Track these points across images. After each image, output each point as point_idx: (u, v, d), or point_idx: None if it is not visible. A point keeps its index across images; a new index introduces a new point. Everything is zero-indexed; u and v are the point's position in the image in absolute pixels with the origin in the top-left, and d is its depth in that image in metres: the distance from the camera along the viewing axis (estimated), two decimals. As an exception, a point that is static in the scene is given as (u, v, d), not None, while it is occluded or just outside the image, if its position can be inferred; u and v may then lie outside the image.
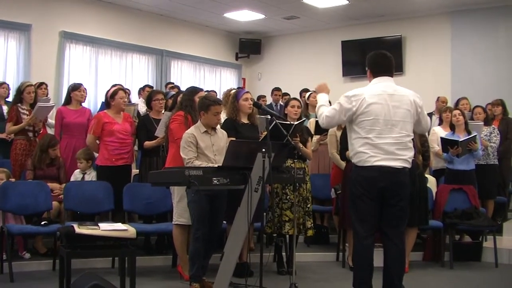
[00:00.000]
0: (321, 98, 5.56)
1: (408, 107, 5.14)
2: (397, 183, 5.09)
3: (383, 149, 5.02)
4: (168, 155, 6.50)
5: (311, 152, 7.23)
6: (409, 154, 5.15)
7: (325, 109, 5.37)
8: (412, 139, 5.25)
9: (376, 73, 5.27)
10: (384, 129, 5.03)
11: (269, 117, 6.09)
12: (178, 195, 6.15)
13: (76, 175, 7.59)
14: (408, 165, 5.14)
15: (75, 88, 8.31)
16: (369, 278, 5.14)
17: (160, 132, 7.23)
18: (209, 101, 5.88)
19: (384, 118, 5.03)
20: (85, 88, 8.41)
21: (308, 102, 9.13)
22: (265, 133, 5.87)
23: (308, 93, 9.58)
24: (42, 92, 9.68)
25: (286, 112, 7.01)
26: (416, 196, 6.96)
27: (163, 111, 7.52)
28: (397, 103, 5.10)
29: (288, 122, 6.37)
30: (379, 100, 5.06)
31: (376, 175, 5.02)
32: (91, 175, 7.55)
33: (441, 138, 8.17)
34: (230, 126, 6.41)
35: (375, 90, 5.15)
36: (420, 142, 7.10)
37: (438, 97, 11.08)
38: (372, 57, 5.37)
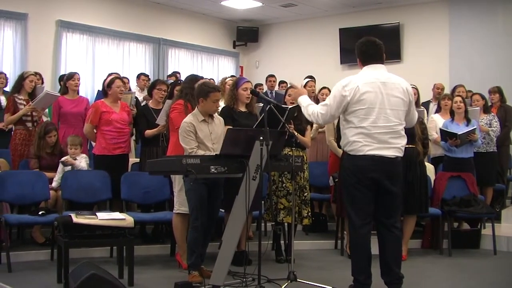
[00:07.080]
0: (304, 99, 5.43)
1: (401, 95, 5.10)
2: (390, 172, 5.07)
3: (376, 138, 4.98)
4: (169, 143, 6.47)
5: (309, 140, 7.18)
6: (402, 142, 5.13)
7: (315, 107, 5.28)
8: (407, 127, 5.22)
9: (365, 62, 5.19)
10: (379, 117, 4.98)
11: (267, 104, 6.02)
12: (179, 184, 6.11)
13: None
14: (400, 154, 5.12)
15: (70, 77, 8.32)
16: (368, 267, 5.14)
17: (161, 120, 7.21)
18: (209, 88, 5.81)
19: (379, 107, 4.99)
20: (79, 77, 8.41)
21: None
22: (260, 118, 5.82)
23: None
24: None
25: (285, 101, 6.98)
26: (417, 183, 6.99)
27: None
28: (391, 91, 5.05)
29: (283, 106, 6.29)
30: (372, 89, 5.01)
31: (369, 164, 5.00)
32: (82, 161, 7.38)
33: (441, 129, 8.14)
34: (227, 114, 6.36)
35: (368, 78, 5.08)
36: (420, 129, 7.07)
37: (434, 84, 11.04)
38: (360, 45, 5.25)
